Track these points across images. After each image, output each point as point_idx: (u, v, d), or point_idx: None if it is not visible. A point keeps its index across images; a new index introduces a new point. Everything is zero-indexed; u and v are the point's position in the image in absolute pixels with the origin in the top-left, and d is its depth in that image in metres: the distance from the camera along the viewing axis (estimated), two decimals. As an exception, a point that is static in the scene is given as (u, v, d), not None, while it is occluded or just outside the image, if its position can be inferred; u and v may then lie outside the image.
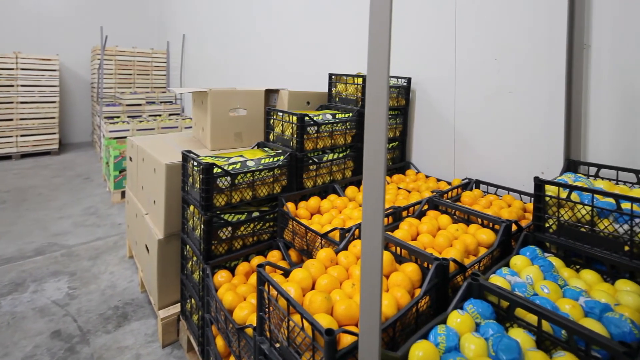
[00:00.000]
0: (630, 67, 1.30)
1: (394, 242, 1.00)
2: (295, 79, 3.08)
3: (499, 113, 1.67)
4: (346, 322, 0.77)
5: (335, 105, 1.98)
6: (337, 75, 2.03)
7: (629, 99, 1.31)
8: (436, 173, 1.88)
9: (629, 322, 0.70)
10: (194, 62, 5.15)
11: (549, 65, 1.48)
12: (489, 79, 1.69)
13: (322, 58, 2.76)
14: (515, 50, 1.59)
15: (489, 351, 0.67)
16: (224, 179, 1.30)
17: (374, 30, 0.61)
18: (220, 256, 1.20)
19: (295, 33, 3.07)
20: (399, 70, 2.07)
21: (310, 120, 1.57)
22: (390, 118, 1.96)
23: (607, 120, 1.37)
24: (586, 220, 0.98)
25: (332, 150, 1.71)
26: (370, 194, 0.61)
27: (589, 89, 1.41)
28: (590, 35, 1.39)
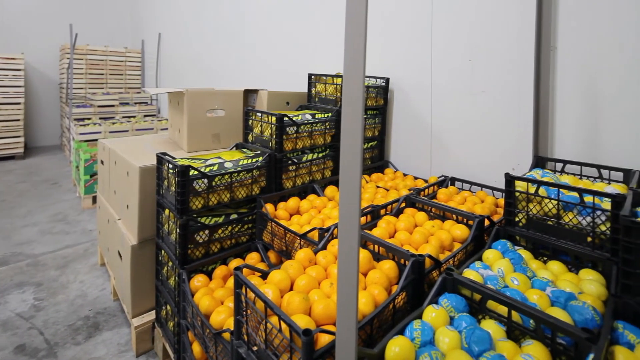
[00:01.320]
0: (592, 68, 1.37)
1: (372, 240, 1.01)
2: (275, 79, 3.05)
3: (472, 112, 1.72)
4: (324, 321, 0.77)
5: (314, 106, 1.98)
6: (316, 76, 2.04)
7: (591, 98, 1.39)
8: (414, 171, 1.92)
9: (591, 309, 0.74)
10: (170, 62, 5.02)
11: (519, 66, 1.54)
12: (464, 80, 1.74)
13: (302, 58, 2.76)
14: (488, 52, 1.64)
15: (462, 343, 0.68)
16: (201, 181, 1.28)
17: (350, 31, 0.61)
18: (197, 260, 1.17)
19: (275, 33, 3.05)
20: (378, 70, 2.09)
21: (289, 120, 1.57)
22: (369, 118, 1.98)
23: (572, 118, 1.44)
24: (552, 214, 1.03)
25: (312, 150, 1.71)
26: (346, 193, 0.61)
27: (556, 89, 1.48)
28: (557, 38, 1.46)
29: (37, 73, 5.58)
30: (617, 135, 1.33)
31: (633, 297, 0.74)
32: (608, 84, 1.34)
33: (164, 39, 5.17)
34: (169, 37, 5.04)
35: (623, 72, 1.30)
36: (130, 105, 4.66)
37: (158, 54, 5.26)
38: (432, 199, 1.40)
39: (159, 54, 5.25)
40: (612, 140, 1.34)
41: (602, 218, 0.96)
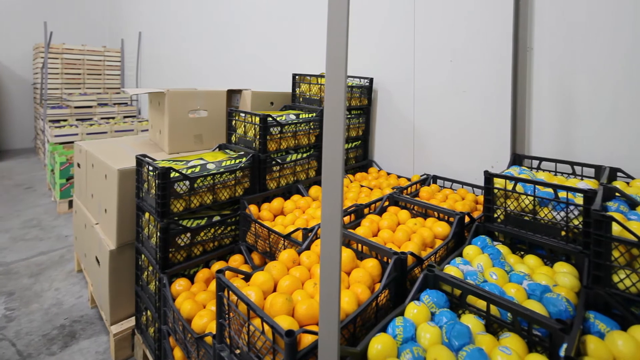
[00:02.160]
0: (566, 68, 1.43)
1: (355, 239, 1.02)
2: (259, 80, 3.03)
3: (453, 112, 1.76)
4: (308, 321, 0.77)
5: (299, 106, 1.98)
6: (300, 76, 2.03)
7: (565, 97, 1.44)
8: (397, 170, 1.94)
9: (564, 301, 0.77)
10: (151, 62, 4.90)
11: (497, 66, 1.58)
12: (445, 80, 1.78)
13: (287, 58, 2.75)
14: (468, 53, 1.68)
15: (443, 338, 0.70)
16: (182, 183, 1.25)
17: (332, 32, 0.61)
18: (179, 264, 1.15)
19: (260, 32, 3.02)
20: (362, 70, 2.11)
21: (273, 120, 1.56)
22: (353, 117, 1.99)
23: (547, 117, 1.49)
24: (529, 210, 1.06)
25: (296, 150, 1.71)
26: (329, 193, 0.61)
27: (532, 89, 1.53)
28: (533, 39, 1.51)
29: (9, 73, 5.34)
30: (589, 133, 1.39)
31: (603, 288, 0.78)
32: (581, 84, 1.39)
33: (144, 38, 5.04)
34: (149, 36, 4.92)
35: (595, 74, 1.36)
36: (109, 106, 4.52)
37: (138, 54, 5.13)
38: (415, 197, 1.42)
39: (140, 53, 5.12)
40: (584, 138, 1.40)
41: (575, 213, 0.99)
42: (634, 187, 1.17)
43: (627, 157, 1.29)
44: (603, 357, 0.64)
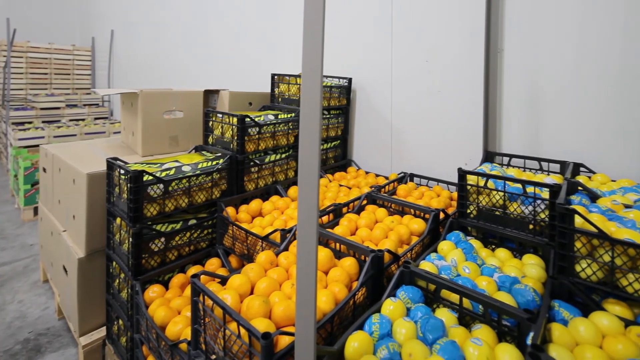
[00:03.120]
0: (534, 69, 1.49)
1: (333, 239, 1.02)
2: (238, 80, 2.99)
3: (429, 111, 1.80)
4: (285, 323, 0.76)
5: (278, 106, 1.97)
6: (279, 76, 2.02)
7: (533, 97, 1.51)
8: (375, 169, 1.97)
9: (532, 291, 0.80)
10: (124, 61, 4.73)
11: (470, 67, 1.63)
12: (421, 80, 1.82)
13: (266, 58, 2.73)
14: (443, 54, 1.73)
15: (418, 333, 0.71)
16: (156, 186, 1.21)
17: (308, 32, 0.60)
18: (152, 270, 1.11)
19: (239, 32, 2.98)
20: (341, 70, 2.12)
21: (251, 121, 1.54)
22: (332, 117, 2.00)
23: (517, 115, 1.56)
24: (500, 205, 1.10)
25: (275, 151, 1.70)
26: (305, 194, 0.61)
27: (503, 89, 1.59)
28: (504, 41, 1.57)
29: (-34, 73, 5.00)
30: (554, 131, 1.45)
31: (567, 278, 0.81)
32: (547, 85, 1.46)
33: (117, 37, 4.86)
34: (123, 34, 4.74)
35: (560, 75, 1.43)
36: (79, 107, 4.32)
37: (110, 53, 4.94)
38: (392, 195, 1.44)
39: (112, 52, 4.94)
40: (550, 135, 1.47)
41: (542, 207, 1.04)
42: (595, 181, 1.24)
43: (589, 152, 1.37)
44: (566, 343, 0.67)
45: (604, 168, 1.31)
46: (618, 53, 1.29)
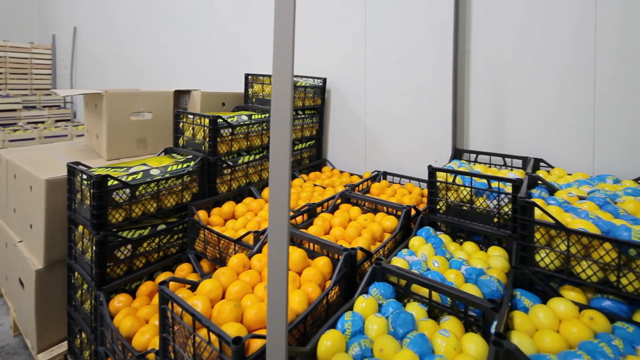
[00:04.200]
0: (499, 70, 1.56)
1: (307, 239, 1.02)
2: (211, 80, 2.92)
3: (401, 110, 1.84)
4: (257, 326, 0.75)
5: (252, 106, 1.94)
6: (253, 76, 1.99)
7: (498, 96, 1.58)
8: (350, 168, 1.99)
9: (496, 282, 0.84)
10: (89, 60, 4.49)
11: (440, 68, 1.68)
12: (393, 80, 1.86)
13: (240, 58, 2.68)
14: (414, 54, 1.77)
15: (389, 328, 0.72)
16: (122, 191, 1.16)
17: (279, 32, 0.60)
18: (118, 279, 1.06)
19: (211, 31, 2.90)
20: (315, 71, 2.12)
21: (224, 122, 1.51)
22: (307, 117, 2.00)
23: (483, 113, 1.62)
24: (467, 200, 1.14)
25: (249, 152, 1.67)
26: (276, 194, 0.60)
27: (470, 88, 1.66)
28: (471, 43, 1.63)
29: None
30: (517, 129, 1.53)
31: (528, 267, 0.86)
32: (510, 84, 1.54)
33: (80, 34, 4.60)
34: (87, 31, 4.50)
35: (522, 75, 1.50)
36: (38, 109, 4.06)
37: (73, 51, 4.67)
38: (366, 194, 1.46)
39: (75, 50, 4.67)
40: (514, 133, 1.54)
41: (505, 200, 1.09)
42: (553, 175, 1.32)
43: (549, 148, 1.45)
44: (527, 329, 0.71)
45: (561, 163, 1.40)
46: (572, 56, 1.38)
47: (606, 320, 0.70)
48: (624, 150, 1.30)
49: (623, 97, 1.29)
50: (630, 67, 1.27)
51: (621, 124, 1.30)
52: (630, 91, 1.28)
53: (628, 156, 1.29)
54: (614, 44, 1.29)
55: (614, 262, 0.75)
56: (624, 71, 1.28)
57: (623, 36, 1.27)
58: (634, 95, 1.27)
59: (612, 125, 1.32)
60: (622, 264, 0.75)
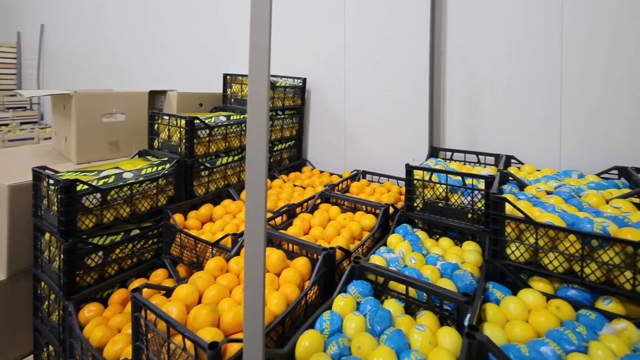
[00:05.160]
0: (473, 70, 1.61)
1: (286, 240, 1.02)
2: (188, 80, 2.85)
3: (380, 110, 1.87)
4: (235, 330, 0.74)
5: (230, 107, 1.91)
6: (232, 76, 1.96)
7: (472, 95, 1.63)
8: (330, 168, 2.00)
9: (469, 275, 0.86)
10: (57, 59, 4.28)
11: (417, 68, 1.72)
12: (372, 80, 1.88)
13: (218, 58, 2.63)
14: (393, 55, 1.80)
15: (367, 325, 0.73)
16: (92, 196, 1.11)
17: (255, 32, 0.58)
18: (89, 287, 1.02)
19: (188, 30, 2.83)
20: (296, 71, 2.12)
21: (201, 123, 1.48)
22: (287, 118, 1.99)
23: (459, 112, 1.67)
24: (443, 197, 1.17)
25: (227, 153, 1.65)
26: (252, 196, 0.59)
27: (446, 88, 1.70)
28: (446, 43, 1.67)
29: None
30: (490, 127, 1.59)
31: (499, 260, 0.89)
32: (484, 84, 1.59)
33: (48, 32, 4.38)
34: (55, 29, 4.29)
35: (495, 75, 1.56)
36: (2, 111, 3.83)
37: (40, 50, 4.44)
38: (345, 193, 1.47)
39: (42, 49, 4.44)
40: (487, 131, 1.60)
41: (479, 197, 1.13)
42: (523, 171, 1.37)
43: (519, 146, 1.51)
44: (499, 320, 0.73)
45: (530, 159, 1.46)
46: (540, 58, 1.44)
47: (571, 309, 0.74)
48: (588, 146, 1.37)
49: (586, 97, 1.37)
50: (592, 69, 1.34)
51: (585, 122, 1.37)
52: (592, 92, 1.35)
53: (591, 152, 1.36)
54: (579, 47, 1.37)
55: (578, 252, 0.79)
56: (587, 73, 1.36)
57: (587, 39, 1.35)
58: (595, 95, 1.35)
59: (576, 123, 1.39)
60: (585, 254, 0.78)
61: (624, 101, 1.30)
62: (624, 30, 1.28)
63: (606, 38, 1.31)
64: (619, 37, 1.29)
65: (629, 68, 1.28)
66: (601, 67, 1.33)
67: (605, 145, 1.34)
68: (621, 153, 1.31)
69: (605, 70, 1.32)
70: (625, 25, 1.28)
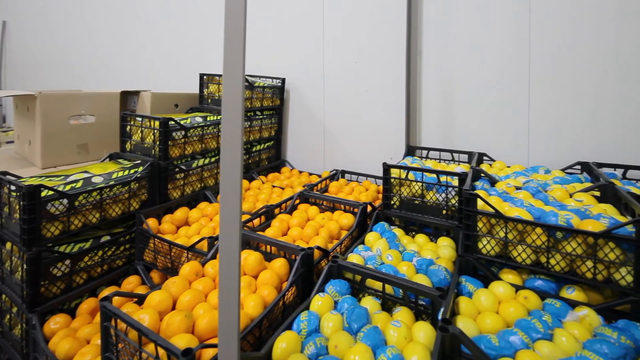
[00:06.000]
0: (448, 70, 1.66)
1: (263, 241, 1.01)
2: (163, 80, 2.76)
3: (358, 110, 1.88)
4: (210, 335, 0.72)
5: (207, 107, 1.87)
6: (209, 76, 1.91)
7: (447, 95, 1.67)
8: (309, 168, 2.00)
9: (444, 270, 0.88)
10: (22, 58, 4.04)
11: (394, 68, 1.75)
12: (351, 80, 1.90)
13: (195, 57, 2.56)
14: (370, 55, 1.82)
15: (344, 324, 0.73)
16: (58, 202, 1.06)
17: (230, 32, 0.57)
18: (54, 298, 0.97)
19: (164, 30, 2.74)
20: (274, 71, 2.10)
21: (176, 124, 1.44)
22: (265, 118, 1.97)
23: (434, 111, 1.71)
24: (419, 194, 1.20)
25: (203, 155, 1.61)
26: (227, 198, 0.58)
27: (422, 88, 1.74)
28: (422, 44, 1.71)
29: None
30: (464, 125, 1.63)
31: (472, 255, 0.92)
32: (458, 84, 1.64)
33: (11, 29, 4.14)
34: (18, 26, 4.05)
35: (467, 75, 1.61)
36: (-40, 114, 3.58)
37: (2, 48, 4.19)
38: (324, 193, 1.48)
39: (4, 47, 4.20)
40: (461, 130, 1.64)
41: (453, 193, 1.16)
42: (494, 167, 1.42)
43: (491, 143, 1.57)
44: (471, 313, 0.76)
45: (501, 156, 1.51)
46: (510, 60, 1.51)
47: (538, 299, 0.77)
48: (553, 143, 1.44)
49: (552, 98, 1.44)
50: (558, 71, 1.42)
51: (550, 120, 1.44)
52: (558, 93, 1.42)
53: (557, 149, 1.43)
54: (546, 52, 1.43)
55: (544, 244, 0.83)
56: (553, 74, 1.43)
57: (553, 43, 1.42)
58: (561, 96, 1.42)
59: (543, 122, 1.46)
60: (550, 246, 0.82)
61: (586, 101, 1.38)
62: (586, 32, 1.36)
63: (570, 41, 1.38)
64: (581, 40, 1.37)
65: (591, 69, 1.36)
66: (565, 69, 1.40)
67: (569, 142, 1.41)
68: (584, 149, 1.38)
69: (569, 71, 1.40)
70: (586, 27, 1.36)
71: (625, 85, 1.31)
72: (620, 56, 1.31)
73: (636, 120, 1.30)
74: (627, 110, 1.31)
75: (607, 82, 1.33)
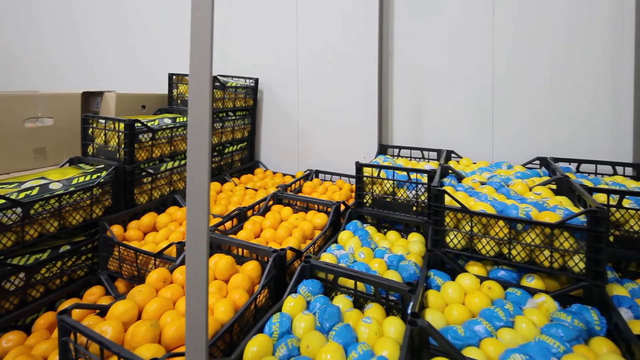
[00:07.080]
0: (417, 70, 1.70)
1: (235, 244, 0.99)
2: (130, 80, 2.64)
3: (332, 109, 1.90)
4: (178, 344, 0.70)
5: (177, 109, 1.81)
6: (178, 76, 1.85)
7: (417, 95, 1.72)
8: (283, 168, 1.98)
9: (413, 265, 0.90)
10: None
11: (367, 68, 1.77)
12: (325, 80, 1.90)
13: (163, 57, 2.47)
14: (344, 56, 1.84)
15: (316, 324, 0.73)
16: (10, 211, 0.99)
17: (196, 26, 0.55)
18: (7, 314, 0.90)
19: (133, 26, 2.61)
20: (248, 70, 2.07)
21: (142, 126, 1.38)
22: (238, 119, 1.94)
23: (405, 111, 1.75)
24: (390, 192, 1.22)
25: (172, 157, 1.56)
26: (193, 201, 0.55)
27: (393, 88, 1.77)
28: (394, 45, 1.74)
29: None
30: (433, 124, 1.69)
31: (440, 249, 0.95)
32: (427, 84, 1.69)
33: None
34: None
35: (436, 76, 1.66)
36: None
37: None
38: (298, 193, 1.47)
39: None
40: (430, 128, 1.70)
41: (422, 190, 1.19)
42: (461, 164, 1.47)
43: (458, 141, 1.63)
44: (439, 305, 0.78)
45: (468, 153, 1.58)
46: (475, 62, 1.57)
47: (501, 288, 0.81)
48: (515, 140, 1.52)
49: (512, 97, 1.52)
50: (517, 73, 1.50)
51: (513, 119, 1.52)
52: (517, 93, 1.50)
53: (518, 145, 1.51)
54: (507, 54, 1.51)
55: (506, 236, 0.87)
56: (513, 75, 1.51)
57: (514, 46, 1.49)
58: (521, 97, 1.50)
59: (506, 120, 1.54)
60: (512, 237, 0.86)
61: (542, 100, 1.46)
62: (541, 35, 1.44)
63: (527, 43, 1.47)
64: (539, 41, 1.45)
65: (546, 68, 1.44)
66: (524, 69, 1.48)
67: (529, 138, 1.49)
68: (542, 145, 1.47)
69: (527, 71, 1.48)
70: (542, 29, 1.44)
71: (578, 82, 1.40)
72: (574, 56, 1.40)
73: (588, 117, 1.40)
74: (580, 108, 1.41)
75: (561, 80, 1.43)
